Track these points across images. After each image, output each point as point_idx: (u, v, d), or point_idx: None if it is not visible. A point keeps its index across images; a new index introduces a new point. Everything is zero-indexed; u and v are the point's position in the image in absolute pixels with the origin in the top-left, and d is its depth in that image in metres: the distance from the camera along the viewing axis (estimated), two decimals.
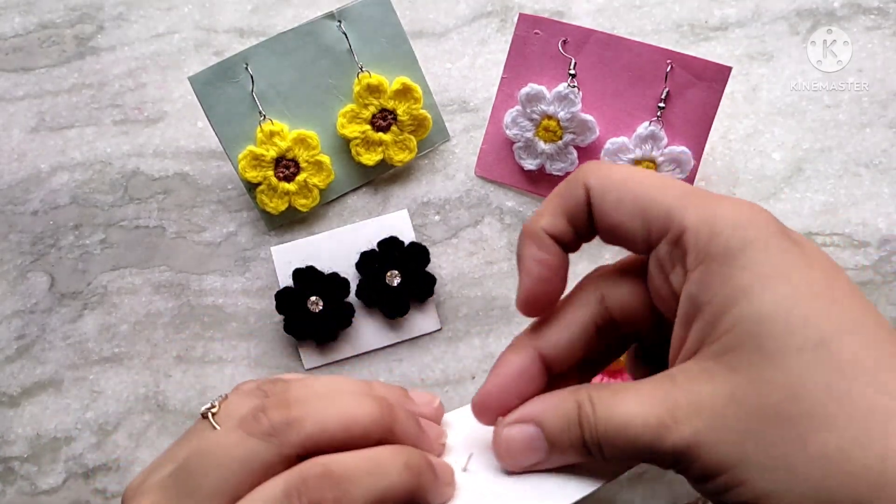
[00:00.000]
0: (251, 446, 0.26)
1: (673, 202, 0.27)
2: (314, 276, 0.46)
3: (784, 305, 0.25)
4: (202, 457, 0.26)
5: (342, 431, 0.27)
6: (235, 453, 0.26)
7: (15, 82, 0.50)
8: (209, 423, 0.29)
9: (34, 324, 0.48)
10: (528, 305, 0.30)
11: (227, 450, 0.26)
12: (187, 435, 0.30)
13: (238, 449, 0.26)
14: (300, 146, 0.47)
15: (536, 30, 0.46)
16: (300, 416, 0.27)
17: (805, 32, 0.48)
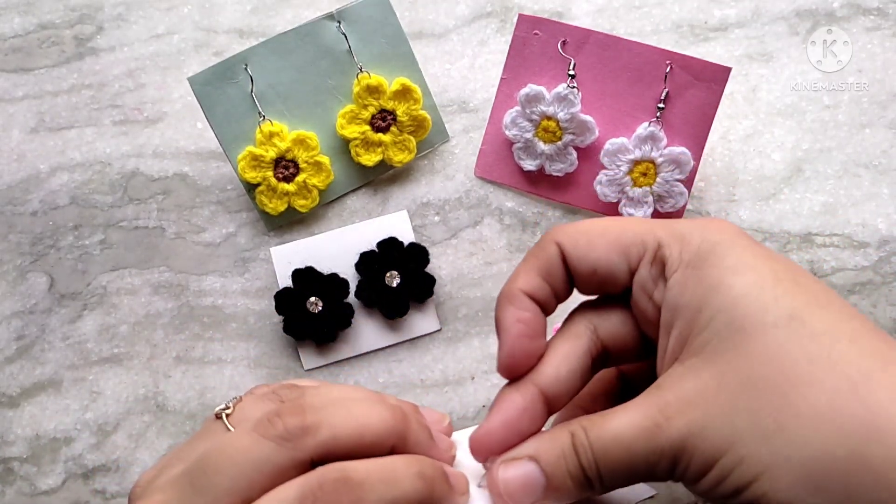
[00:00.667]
0: (266, 449, 0.26)
1: (641, 228, 0.29)
2: (314, 276, 0.46)
3: (754, 289, 0.26)
4: (217, 456, 0.26)
5: (356, 438, 0.27)
6: (250, 455, 0.26)
7: (15, 82, 0.50)
8: (223, 424, 0.29)
9: (34, 324, 0.48)
10: (508, 368, 0.30)
11: (242, 451, 0.26)
12: (200, 435, 0.30)
13: (253, 451, 0.26)
14: (300, 147, 0.47)
15: (536, 30, 0.46)
16: (315, 421, 0.27)
17: (805, 33, 0.48)
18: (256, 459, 0.26)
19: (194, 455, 0.28)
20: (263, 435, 0.26)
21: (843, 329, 0.25)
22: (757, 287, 0.26)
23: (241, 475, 0.26)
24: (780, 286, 0.26)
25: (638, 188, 0.45)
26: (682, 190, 0.45)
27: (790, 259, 0.29)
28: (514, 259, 0.47)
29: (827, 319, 0.25)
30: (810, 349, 0.25)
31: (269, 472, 0.26)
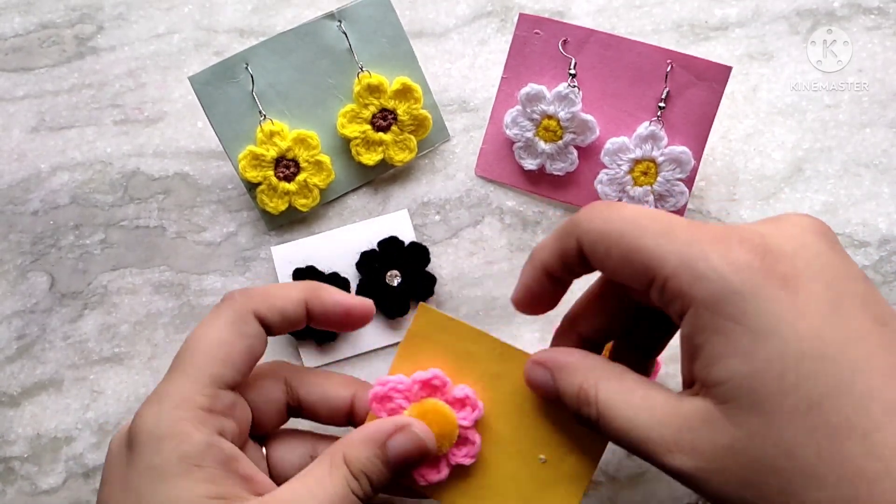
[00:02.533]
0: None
1: (653, 250, 0.28)
2: (314, 275, 0.46)
3: (776, 367, 0.25)
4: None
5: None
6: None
7: (15, 82, 0.50)
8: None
9: (34, 324, 0.48)
10: (518, 307, 0.36)
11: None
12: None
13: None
14: (300, 146, 0.47)
15: (536, 30, 0.46)
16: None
17: (805, 32, 0.48)
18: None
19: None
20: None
21: (861, 419, 0.25)
22: (779, 365, 0.25)
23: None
24: (803, 365, 0.25)
25: (639, 187, 0.45)
26: (683, 189, 0.45)
27: (828, 285, 0.26)
28: (515, 258, 0.47)
29: (847, 409, 0.25)
30: (823, 445, 0.25)
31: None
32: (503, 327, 0.47)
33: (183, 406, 0.31)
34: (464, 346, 0.38)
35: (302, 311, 0.35)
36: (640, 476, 0.44)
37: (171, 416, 0.31)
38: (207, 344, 0.33)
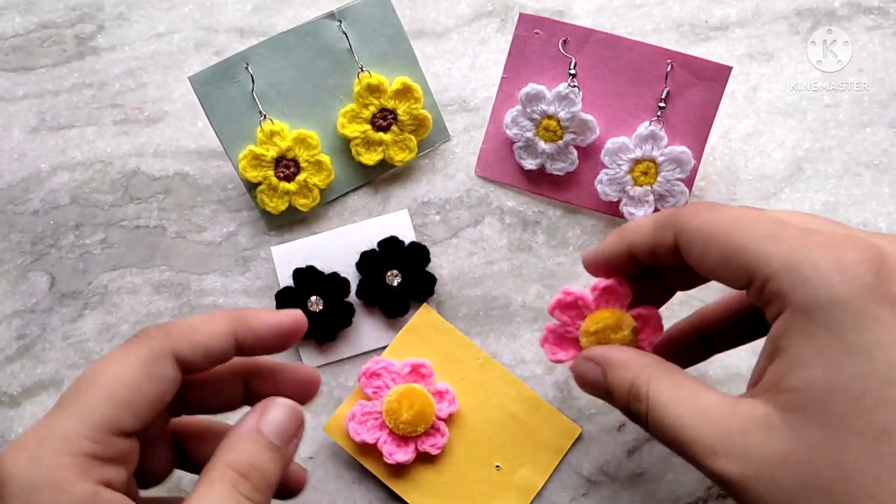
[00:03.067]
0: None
1: (755, 251, 0.27)
2: (314, 275, 0.46)
3: (858, 386, 0.24)
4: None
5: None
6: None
7: (15, 82, 0.50)
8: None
9: (34, 324, 0.48)
10: (587, 263, 0.36)
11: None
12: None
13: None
14: (300, 146, 0.47)
15: (537, 30, 0.46)
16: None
17: (805, 32, 0.48)
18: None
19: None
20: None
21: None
22: (862, 385, 0.24)
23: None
24: (888, 391, 0.24)
25: (639, 187, 0.45)
26: (683, 189, 0.45)
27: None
28: (515, 258, 0.47)
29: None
30: (883, 476, 0.24)
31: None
32: (503, 327, 0.47)
33: (65, 451, 0.26)
34: (452, 350, 0.44)
35: (230, 344, 0.31)
36: (639, 476, 0.44)
37: (48, 463, 0.26)
38: (107, 382, 0.28)
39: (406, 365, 0.44)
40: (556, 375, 0.46)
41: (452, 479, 0.44)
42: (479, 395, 0.45)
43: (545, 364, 0.46)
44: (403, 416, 0.43)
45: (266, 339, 0.32)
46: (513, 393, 0.45)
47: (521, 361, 0.46)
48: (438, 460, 0.44)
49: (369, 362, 0.45)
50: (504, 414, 0.44)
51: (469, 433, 0.44)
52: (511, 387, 0.45)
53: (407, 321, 0.46)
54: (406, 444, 0.44)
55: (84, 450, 0.27)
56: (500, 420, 0.44)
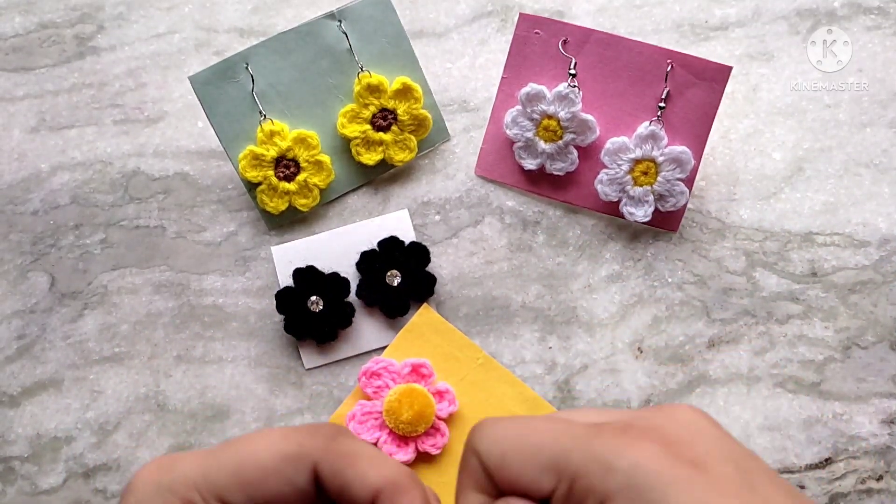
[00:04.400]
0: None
1: (556, 448, 0.26)
2: (314, 275, 0.46)
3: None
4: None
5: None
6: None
7: (15, 82, 0.50)
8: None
9: (34, 324, 0.48)
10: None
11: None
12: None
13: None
14: (300, 146, 0.47)
15: (537, 30, 0.46)
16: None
17: (805, 32, 0.48)
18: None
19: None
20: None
21: None
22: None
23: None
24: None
25: (639, 187, 0.45)
26: (683, 189, 0.45)
27: (736, 468, 0.26)
28: (515, 258, 0.47)
29: None
30: None
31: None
32: (503, 327, 0.47)
33: (178, 491, 0.28)
34: (451, 350, 0.44)
35: (367, 501, 0.29)
36: None
37: (161, 496, 0.28)
38: (246, 455, 0.29)
39: (406, 365, 0.44)
40: (556, 375, 0.46)
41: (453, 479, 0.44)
42: (479, 395, 0.45)
43: (545, 364, 0.46)
44: (404, 415, 0.43)
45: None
46: (513, 393, 0.45)
47: (521, 361, 0.46)
48: (438, 460, 0.44)
49: (369, 362, 0.45)
50: (504, 413, 0.44)
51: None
52: (511, 387, 0.45)
53: (407, 321, 0.46)
54: (406, 444, 0.44)
55: (189, 498, 0.28)
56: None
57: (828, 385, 0.45)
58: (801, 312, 0.46)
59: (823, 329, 0.45)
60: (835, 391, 0.45)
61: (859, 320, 0.45)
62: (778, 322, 0.46)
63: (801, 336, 0.45)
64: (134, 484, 0.28)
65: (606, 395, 0.46)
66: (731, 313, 0.46)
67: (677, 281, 0.46)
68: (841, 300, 0.46)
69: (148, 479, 0.28)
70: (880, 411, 0.45)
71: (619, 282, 0.47)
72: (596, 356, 0.46)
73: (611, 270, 0.47)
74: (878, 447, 0.44)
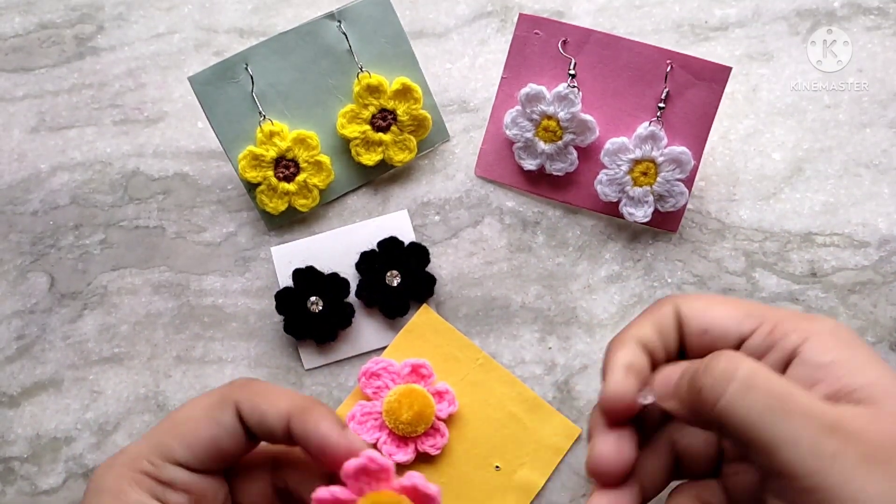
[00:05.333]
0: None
1: (762, 308, 0.31)
2: (314, 276, 0.46)
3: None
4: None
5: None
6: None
7: (15, 82, 0.50)
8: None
9: (34, 324, 0.48)
10: (607, 413, 0.32)
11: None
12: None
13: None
14: (300, 146, 0.47)
15: (536, 30, 0.46)
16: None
17: (805, 32, 0.48)
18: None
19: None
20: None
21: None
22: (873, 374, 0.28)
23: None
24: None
25: (638, 187, 0.45)
26: (683, 189, 0.45)
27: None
28: (515, 258, 0.47)
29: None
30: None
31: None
32: (503, 327, 0.47)
33: (128, 466, 0.32)
34: (451, 350, 0.45)
35: (283, 426, 0.32)
36: None
37: (115, 473, 0.32)
38: (179, 416, 0.33)
39: (406, 365, 0.44)
40: (556, 375, 0.46)
41: (452, 479, 0.44)
42: (479, 395, 0.45)
43: (545, 364, 0.46)
44: (403, 416, 0.43)
45: (309, 448, 0.32)
46: (513, 393, 0.45)
47: (521, 361, 0.46)
48: (438, 461, 0.44)
49: (369, 362, 0.45)
50: (504, 414, 0.44)
51: (469, 433, 0.44)
52: (511, 387, 0.45)
53: (407, 321, 0.46)
54: (406, 445, 0.44)
55: (142, 468, 0.32)
56: (500, 420, 0.44)
57: None
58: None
59: None
60: None
61: (859, 320, 0.45)
62: None
63: None
64: (92, 479, 0.32)
65: None
66: None
67: (677, 281, 0.46)
68: (841, 300, 0.46)
69: (102, 469, 0.32)
70: None
71: (618, 282, 0.47)
72: (596, 356, 0.46)
73: (610, 271, 0.47)
74: None
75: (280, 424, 0.32)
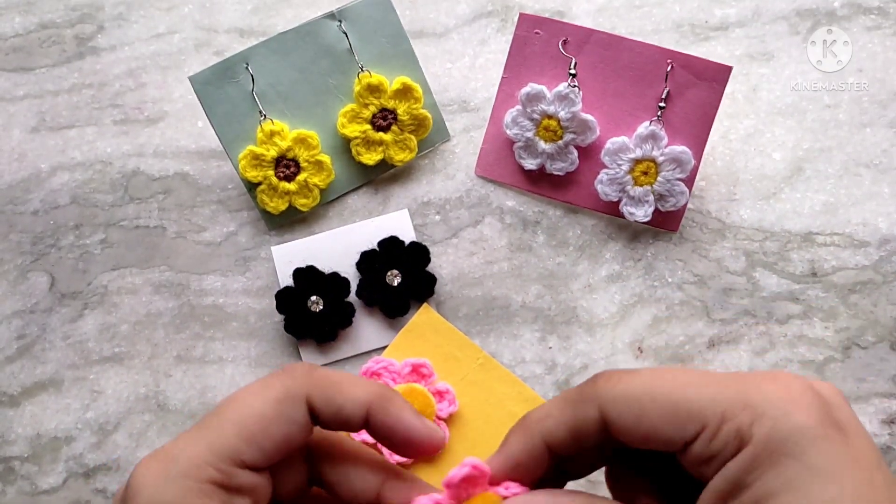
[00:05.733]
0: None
1: (701, 398, 0.27)
2: (314, 275, 0.46)
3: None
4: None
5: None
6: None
7: (15, 82, 0.50)
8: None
9: (34, 324, 0.48)
10: (499, 476, 0.31)
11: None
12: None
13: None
14: (300, 146, 0.47)
15: (537, 30, 0.46)
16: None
17: (805, 32, 0.48)
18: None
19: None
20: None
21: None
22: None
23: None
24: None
25: (639, 187, 0.45)
26: (683, 189, 0.45)
27: (871, 446, 0.27)
28: (515, 258, 0.47)
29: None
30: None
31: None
32: (503, 327, 0.47)
33: (191, 476, 0.28)
34: (451, 350, 0.44)
35: (361, 416, 0.30)
36: None
37: (177, 485, 0.28)
38: (241, 414, 0.29)
39: (406, 365, 0.44)
40: (556, 375, 0.46)
41: None
42: (479, 395, 0.45)
43: (545, 364, 0.46)
44: None
45: (393, 437, 0.31)
46: (513, 393, 0.45)
47: (521, 361, 0.46)
48: (439, 460, 0.44)
49: (370, 362, 0.45)
50: (504, 414, 0.44)
51: (469, 433, 0.44)
52: (511, 387, 0.45)
53: (407, 321, 0.46)
54: None
55: (209, 477, 0.28)
56: (500, 420, 0.44)
57: None
58: (801, 312, 0.46)
59: (823, 329, 0.45)
60: None
61: (859, 320, 0.45)
62: (778, 322, 0.46)
63: (801, 336, 0.45)
64: (136, 486, 0.28)
65: None
66: (731, 313, 0.46)
67: (677, 281, 0.46)
68: (841, 300, 0.46)
69: (153, 477, 0.28)
70: (880, 411, 0.45)
71: (619, 282, 0.47)
72: (596, 356, 0.46)
73: (611, 270, 0.47)
74: (878, 447, 0.44)
75: (359, 415, 0.30)
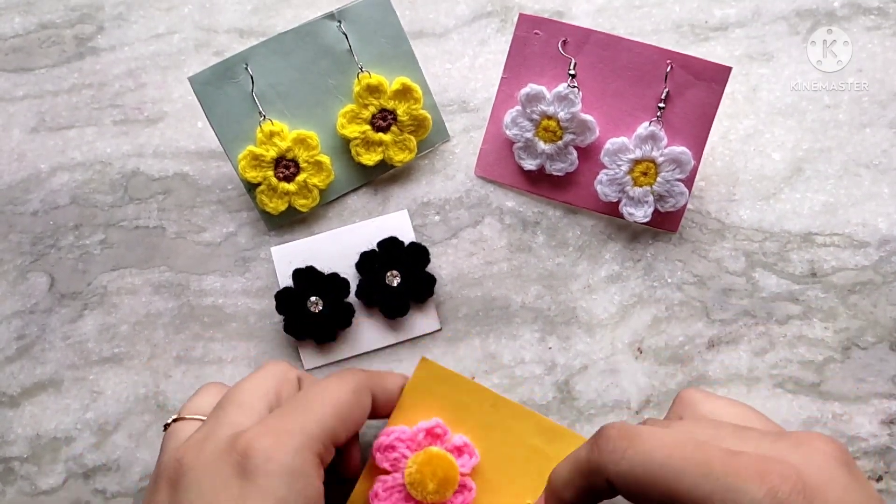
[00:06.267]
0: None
1: (695, 490, 0.29)
2: (314, 276, 0.46)
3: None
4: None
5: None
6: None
7: (15, 82, 0.50)
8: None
9: (34, 324, 0.48)
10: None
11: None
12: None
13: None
14: (300, 146, 0.47)
15: (536, 30, 0.46)
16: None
17: (805, 32, 0.48)
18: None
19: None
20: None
21: None
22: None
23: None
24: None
25: (638, 188, 0.45)
26: (683, 189, 0.45)
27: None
28: (515, 259, 0.47)
29: None
30: None
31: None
32: (503, 327, 0.47)
33: (308, 448, 0.32)
34: (459, 397, 0.42)
35: (396, 400, 0.40)
36: None
37: (301, 456, 0.32)
38: (331, 400, 0.35)
39: (420, 430, 0.41)
40: (556, 375, 0.46)
41: None
42: (497, 436, 0.42)
43: (545, 364, 0.46)
44: (429, 486, 0.40)
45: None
46: (530, 426, 0.42)
47: (521, 361, 0.46)
48: None
49: (381, 436, 0.41)
50: (526, 450, 0.42)
51: (495, 479, 0.42)
52: (527, 420, 0.42)
53: (407, 322, 0.46)
54: None
55: (318, 450, 0.33)
56: (523, 456, 0.42)
57: (827, 385, 0.45)
58: (800, 313, 0.46)
59: (823, 329, 0.45)
60: (834, 392, 0.45)
61: (859, 321, 0.45)
62: (778, 322, 0.46)
63: (800, 336, 0.45)
64: (265, 455, 0.31)
65: (606, 395, 0.46)
66: (730, 314, 0.46)
67: (677, 281, 0.46)
68: (841, 300, 0.46)
69: (279, 448, 0.32)
70: (880, 412, 0.45)
71: (618, 282, 0.47)
72: (596, 356, 0.46)
73: (611, 271, 0.47)
74: (877, 447, 0.44)
75: (395, 400, 0.40)
